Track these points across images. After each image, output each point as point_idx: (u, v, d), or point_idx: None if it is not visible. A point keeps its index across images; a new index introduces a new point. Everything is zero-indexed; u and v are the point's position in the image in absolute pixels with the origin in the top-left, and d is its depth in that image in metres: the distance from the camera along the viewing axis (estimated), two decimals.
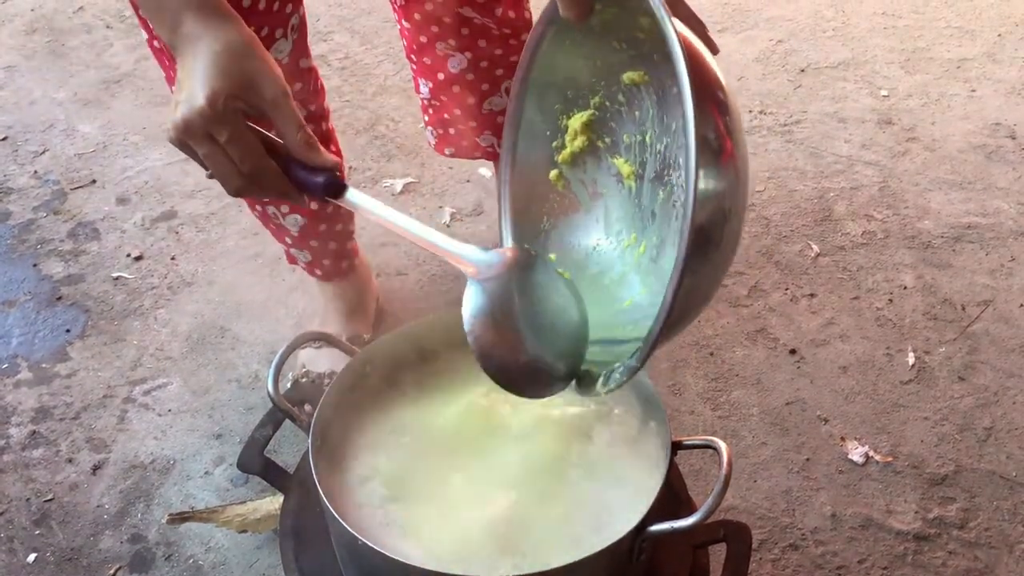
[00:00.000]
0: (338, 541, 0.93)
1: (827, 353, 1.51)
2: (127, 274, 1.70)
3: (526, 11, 1.39)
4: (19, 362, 1.56)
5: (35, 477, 1.39)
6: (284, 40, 1.15)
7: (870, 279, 1.63)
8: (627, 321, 0.88)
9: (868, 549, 1.27)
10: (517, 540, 0.87)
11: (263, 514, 1.27)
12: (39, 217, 1.83)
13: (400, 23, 1.41)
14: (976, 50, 2.14)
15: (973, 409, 1.43)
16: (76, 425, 1.46)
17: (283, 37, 1.15)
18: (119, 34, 2.32)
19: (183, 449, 1.42)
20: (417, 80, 1.48)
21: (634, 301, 0.90)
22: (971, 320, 1.56)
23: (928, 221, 1.73)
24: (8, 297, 1.67)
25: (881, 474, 1.35)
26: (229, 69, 0.84)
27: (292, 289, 1.65)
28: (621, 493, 0.90)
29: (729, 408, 1.44)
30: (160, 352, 1.56)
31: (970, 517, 1.30)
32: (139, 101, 2.11)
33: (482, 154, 1.56)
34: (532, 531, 0.88)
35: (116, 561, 1.28)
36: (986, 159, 1.86)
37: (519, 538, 0.87)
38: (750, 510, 1.31)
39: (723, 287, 1.62)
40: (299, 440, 1.37)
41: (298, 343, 0.97)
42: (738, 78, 2.10)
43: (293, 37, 1.16)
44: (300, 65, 1.22)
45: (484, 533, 0.88)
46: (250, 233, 1.75)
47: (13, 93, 2.15)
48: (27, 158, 1.97)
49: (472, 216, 1.77)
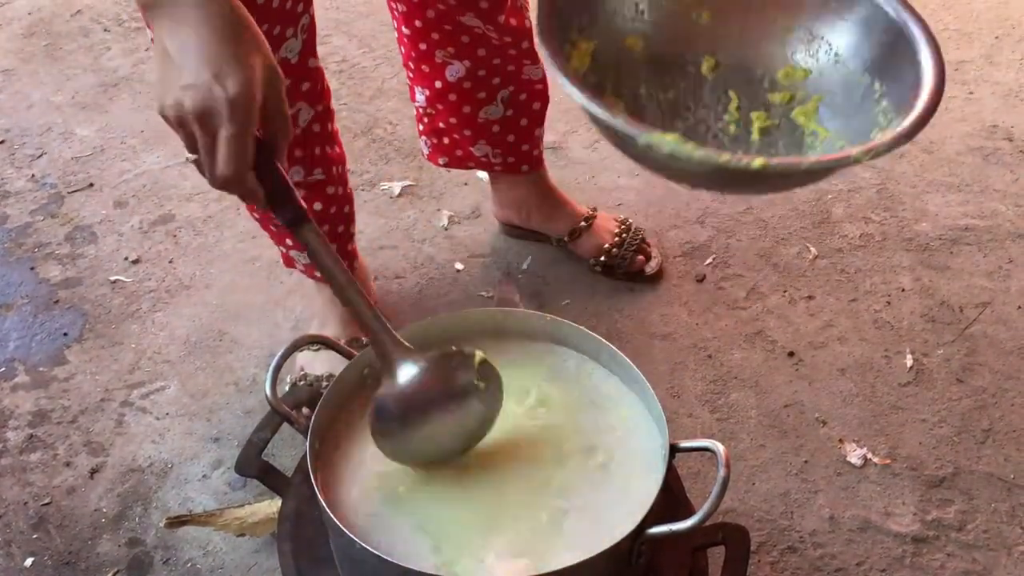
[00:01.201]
0: (336, 544, 0.93)
1: (825, 355, 1.51)
2: (125, 277, 1.70)
3: (527, 20, 1.39)
4: (16, 366, 1.55)
5: (32, 481, 1.39)
6: (294, 39, 1.15)
7: (868, 281, 1.63)
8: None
9: (866, 551, 1.27)
10: (517, 542, 0.87)
11: (261, 517, 1.26)
12: (36, 220, 1.83)
13: (400, 30, 1.41)
14: (973, 52, 2.14)
15: (971, 411, 1.43)
16: (74, 429, 1.45)
17: (293, 36, 1.14)
18: (117, 38, 2.32)
19: (181, 452, 1.41)
20: (413, 88, 1.48)
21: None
22: (969, 322, 1.56)
23: (926, 223, 1.73)
24: (5, 300, 1.67)
25: (879, 476, 1.35)
26: (252, 52, 0.78)
27: (290, 292, 1.65)
28: (620, 496, 0.91)
29: (727, 410, 1.44)
30: (158, 355, 1.56)
31: (968, 519, 1.30)
32: (136, 105, 2.11)
33: (476, 164, 1.56)
34: (531, 533, 0.88)
35: (114, 565, 1.28)
36: (983, 161, 1.86)
37: (519, 540, 0.87)
38: (748, 512, 1.31)
39: (720, 290, 1.62)
40: (297, 443, 1.37)
41: (296, 346, 0.97)
42: None
43: (303, 36, 1.16)
44: (308, 64, 1.22)
45: (483, 535, 0.88)
46: (248, 236, 1.75)
47: (10, 96, 2.15)
48: (24, 161, 1.97)
49: (470, 219, 1.77)
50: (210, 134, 0.78)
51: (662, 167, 0.84)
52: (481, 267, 1.68)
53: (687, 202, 1.78)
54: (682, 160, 0.76)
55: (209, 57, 0.77)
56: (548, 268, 1.67)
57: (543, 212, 1.64)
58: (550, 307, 1.59)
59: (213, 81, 0.76)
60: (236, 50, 0.78)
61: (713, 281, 1.63)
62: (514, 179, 1.61)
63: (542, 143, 1.56)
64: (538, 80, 1.47)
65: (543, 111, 1.51)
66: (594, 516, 0.89)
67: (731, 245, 1.70)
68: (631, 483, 0.91)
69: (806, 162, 0.80)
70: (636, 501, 0.87)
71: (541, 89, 1.48)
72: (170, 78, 0.78)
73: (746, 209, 1.77)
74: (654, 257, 1.63)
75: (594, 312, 1.59)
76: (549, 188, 1.64)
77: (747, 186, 0.93)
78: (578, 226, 1.63)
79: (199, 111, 0.77)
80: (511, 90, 1.44)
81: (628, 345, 1.52)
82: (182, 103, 0.77)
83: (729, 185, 0.93)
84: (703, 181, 0.91)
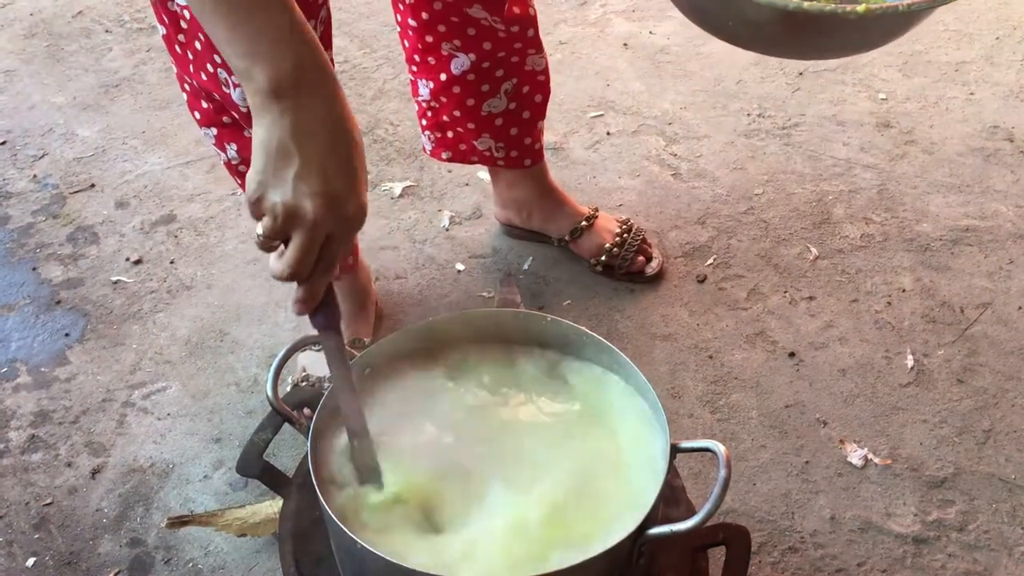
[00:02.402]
0: (337, 544, 0.93)
1: (826, 356, 1.51)
2: (126, 278, 1.70)
3: (531, 8, 1.40)
4: (18, 366, 1.56)
5: (34, 481, 1.39)
6: (314, 32, 1.15)
7: (869, 282, 1.63)
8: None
9: (867, 552, 1.27)
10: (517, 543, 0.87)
11: (262, 518, 1.27)
12: (38, 221, 1.83)
13: (405, 23, 1.41)
14: (974, 53, 2.14)
15: (972, 412, 1.43)
16: (75, 429, 1.46)
17: (313, 29, 1.14)
18: (118, 39, 2.33)
19: (182, 453, 1.42)
20: (416, 82, 1.49)
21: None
22: (970, 323, 1.56)
23: (927, 224, 1.73)
24: (7, 301, 1.67)
25: (880, 477, 1.35)
26: (364, 166, 0.79)
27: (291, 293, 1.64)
28: (620, 496, 0.91)
29: (728, 411, 1.44)
30: (159, 356, 1.56)
31: (969, 520, 1.30)
32: (138, 105, 2.11)
33: (479, 158, 1.56)
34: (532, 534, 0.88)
35: (115, 565, 1.28)
36: (984, 162, 1.86)
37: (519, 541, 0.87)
38: (749, 513, 1.31)
39: (721, 290, 1.62)
40: (298, 444, 1.37)
41: (297, 347, 0.97)
42: (736, 81, 2.10)
43: (320, 29, 1.16)
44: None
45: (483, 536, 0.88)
46: (249, 237, 1.75)
47: (12, 97, 2.15)
48: (26, 162, 1.97)
49: (471, 220, 1.77)
50: (314, 238, 0.78)
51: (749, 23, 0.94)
52: (482, 268, 1.68)
53: (688, 203, 1.78)
54: (786, 13, 0.86)
55: (340, 170, 0.76)
56: (549, 269, 1.67)
57: (544, 211, 1.64)
58: (551, 308, 1.59)
59: (343, 198, 0.77)
60: (361, 170, 0.78)
61: (714, 282, 1.64)
62: (515, 177, 1.61)
63: (543, 136, 1.57)
64: (540, 71, 1.48)
65: (545, 104, 1.52)
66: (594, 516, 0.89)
67: (732, 246, 1.70)
68: (632, 483, 0.91)
69: (903, 4, 0.89)
70: (637, 501, 0.87)
71: (543, 81, 1.49)
72: (284, 173, 0.76)
73: (747, 210, 1.77)
74: (655, 257, 1.64)
75: (595, 313, 1.59)
76: (550, 187, 1.64)
77: (837, 38, 0.98)
78: (579, 226, 1.63)
79: (318, 219, 0.76)
80: (514, 83, 1.45)
81: (629, 345, 1.52)
82: (303, 207, 0.76)
83: (816, 38, 0.98)
84: (790, 36, 0.98)
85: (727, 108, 2.03)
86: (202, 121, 1.24)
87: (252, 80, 0.75)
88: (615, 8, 2.36)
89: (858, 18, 0.87)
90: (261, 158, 0.76)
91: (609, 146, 1.94)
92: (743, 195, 1.80)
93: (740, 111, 2.02)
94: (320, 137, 0.76)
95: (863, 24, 0.89)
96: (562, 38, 2.26)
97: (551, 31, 2.26)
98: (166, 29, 1.14)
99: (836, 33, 0.93)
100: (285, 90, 0.75)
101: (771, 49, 1.06)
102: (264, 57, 0.74)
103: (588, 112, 2.03)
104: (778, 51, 1.08)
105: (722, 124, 1.98)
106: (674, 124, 1.99)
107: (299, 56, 0.75)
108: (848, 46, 1.05)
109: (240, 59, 0.75)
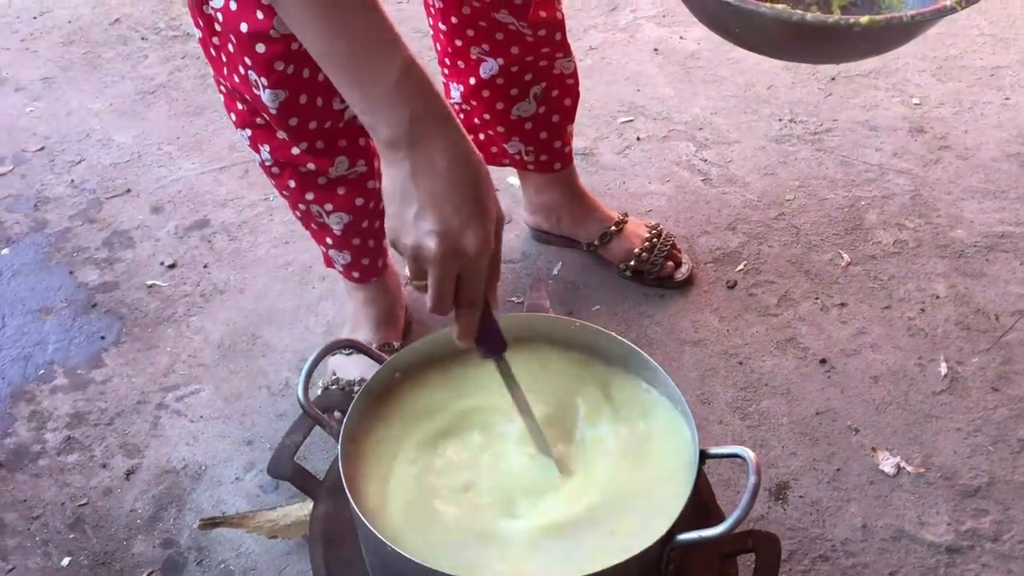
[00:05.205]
0: (367, 547, 0.94)
1: (858, 363, 1.50)
2: (160, 282, 1.72)
3: (558, 11, 1.40)
4: (55, 368, 1.58)
5: (70, 482, 1.41)
6: None
7: (902, 288, 1.62)
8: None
9: (900, 561, 1.25)
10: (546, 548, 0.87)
11: (293, 520, 1.27)
12: (75, 226, 1.86)
13: (436, 26, 1.43)
14: (1010, 58, 2.12)
15: (1007, 420, 1.41)
16: (110, 431, 1.48)
17: None
18: (154, 46, 2.36)
19: (214, 455, 1.43)
20: (448, 85, 1.50)
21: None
22: (1005, 330, 1.54)
23: (961, 230, 1.71)
24: (45, 304, 1.70)
25: (913, 485, 1.34)
26: (491, 203, 0.82)
27: (322, 297, 1.66)
28: (650, 502, 0.90)
29: (758, 418, 1.43)
30: (192, 359, 1.58)
31: (1003, 530, 1.28)
32: (173, 112, 2.14)
33: (509, 161, 1.57)
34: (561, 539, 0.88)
35: (148, 565, 1.30)
36: (1020, 168, 1.84)
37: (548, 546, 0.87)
38: (779, 520, 1.30)
39: (751, 296, 1.61)
40: (329, 447, 1.38)
41: (328, 350, 0.98)
42: (767, 86, 2.09)
43: None
44: None
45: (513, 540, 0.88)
46: (281, 242, 1.77)
47: (50, 104, 2.19)
48: (64, 168, 2.00)
49: None
50: (443, 274, 0.82)
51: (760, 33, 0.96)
52: (511, 273, 1.68)
53: (718, 208, 1.78)
54: (791, 24, 0.88)
55: (457, 207, 0.80)
56: (578, 274, 1.67)
57: (573, 216, 1.64)
58: (580, 313, 1.59)
59: (460, 232, 0.80)
60: (482, 203, 0.82)
61: (744, 287, 1.63)
62: (544, 182, 1.61)
63: (572, 140, 1.57)
64: (569, 74, 1.48)
65: (574, 107, 1.52)
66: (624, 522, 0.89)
67: (762, 251, 1.69)
68: (661, 489, 0.91)
69: (907, 16, 0.90)
70: (666, 507, 0.87)
71: (572, 84, 1.50)
72: (407, 215, 0.81)
73: (778, 215, 1.76)
74: (684, 263, 1.63)
75: (624, 318, 1.58)
76: (580, 192, 1.64)
77: (843, 46, 1.00)
78: (608, 230, 1.63)
79: (439, 256, 0.80)
80: (543, 87, 1.45)
81: (658, 351, 1.52)
82: (426, 245, 0.81)
83: (823, 47, 1.00)
84: (797, 45, 1.00)
85: (758, 113, 2.02)
86: (238, 123, 1.26)
87: (376, 134, 0.81)
88: (645, 13, 2.36)
89: (862, 30, 0.88)
90: (390, 204, 0.82)
91: (639, 151, 1.93)
92: (774, 200, 1.79)
93: (771, 116, 2.01)
94: (438, 177, 0.80)
95: (867, 35, 0.90)
96: (592, 43, 2.26)
97: (581, 37, 2.26)
98: (202, 32, 1.15)
99: (842, 42, 0.95)
100: (403, 142, 0.80)
101: (781, 54, 1.08)
102: (380, 114, 0.80)
103: (618, 117, 2.03)
104: (788, 56, 1.09)
105: (753, 129, 1.97)
106: (704, 129, 1.98)
107: (412, 108, 0.80)
108: (855, 52, 1.07)
109: (362, 115, 0.81)
